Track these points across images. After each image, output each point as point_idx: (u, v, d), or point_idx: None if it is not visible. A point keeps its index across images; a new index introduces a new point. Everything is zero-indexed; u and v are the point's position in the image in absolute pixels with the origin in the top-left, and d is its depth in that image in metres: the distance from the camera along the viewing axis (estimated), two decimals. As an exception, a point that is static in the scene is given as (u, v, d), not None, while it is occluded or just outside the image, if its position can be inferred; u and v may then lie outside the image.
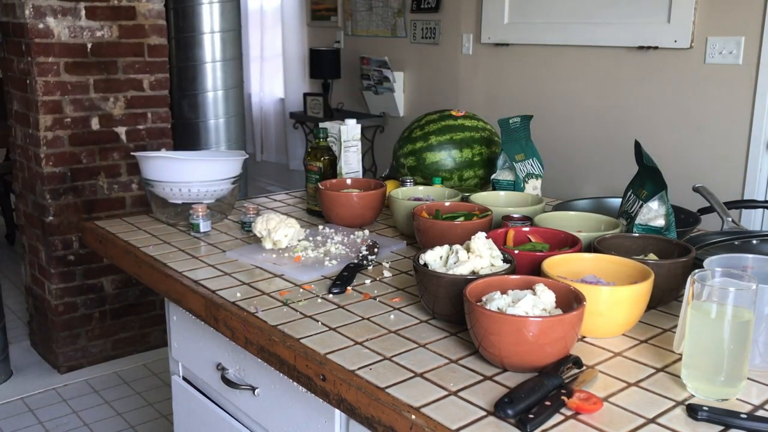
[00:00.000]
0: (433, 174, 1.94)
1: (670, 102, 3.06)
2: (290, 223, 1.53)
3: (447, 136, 1.95)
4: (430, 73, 4.23)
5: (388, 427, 0.94)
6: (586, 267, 1.23)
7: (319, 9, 5.07)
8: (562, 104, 3.48)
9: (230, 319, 1.25)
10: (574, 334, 1.02)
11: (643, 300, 1.13)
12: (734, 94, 2.84)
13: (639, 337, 1.15)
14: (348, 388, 1.01)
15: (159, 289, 1.51)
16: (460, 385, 0.99)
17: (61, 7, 2.95)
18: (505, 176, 1.87)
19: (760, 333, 1.01)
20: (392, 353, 1.08)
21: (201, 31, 3.59)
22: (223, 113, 3.72)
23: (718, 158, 2.92)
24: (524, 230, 1.40)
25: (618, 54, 3.22)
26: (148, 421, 2.94)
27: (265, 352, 1.18)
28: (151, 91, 3.24)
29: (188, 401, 1.60)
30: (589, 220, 1.51)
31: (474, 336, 1.04)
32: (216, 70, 3.65)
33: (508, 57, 3.73)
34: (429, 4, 4.15)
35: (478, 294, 1.08)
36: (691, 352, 0.98)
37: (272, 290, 1.34)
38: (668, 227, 1.40)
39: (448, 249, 1.25)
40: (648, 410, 0.93)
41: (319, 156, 1.86)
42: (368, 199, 1.72)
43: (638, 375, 1.03)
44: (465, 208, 1.59)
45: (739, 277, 0.97)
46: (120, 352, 3.36)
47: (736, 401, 0.96)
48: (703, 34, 2.91)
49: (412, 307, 1.26)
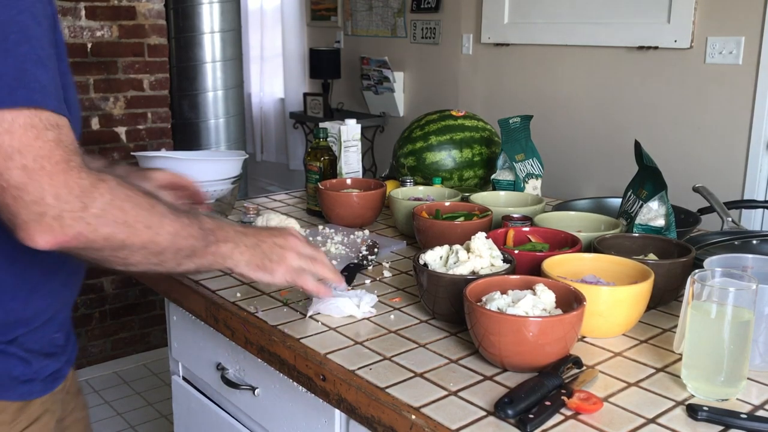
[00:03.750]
0: (433, 174, 1.94)
1: (670, 102, 3.06)
2: (290, 223, 1.53)
3: (447, 136, 1.95)
4: (430, 73, 4.23)
5: (388, 427, 0.95)
6: (586, 267, 1.23)
7: (319, 9, 5.07)
8: (562, 104, 3.48)
9: (230, 319, 1.25)
10: (574, 334, 1.02)
11: (643, 300, 1.13)
12: (734, 94, 2.84)
13: (639, 337, 1.15)
14: (348, 388, 1.01)
15: (159, 289, 1.51)
16: (460, 385, 0.99)
17: (61, 7, 2.95)
18: (505, 176, 1.87)
19: (760, 333, 1.01)
20: (392, 353, 1.08)
21: (201, 31, 3.59)
22: (223, 113, 3.72)
23: (718, 158, 2.92)
24: (524, 230, 1.40)
25: (618, 54, 3.22)
26: (148, 421, 2.94)
27: (265, 352, 1.18)
28: (151, 91, 3.24)
29: (188, 401, 1.60)
30: (589, 220, 1.51)
31: (474, 336, 1.04)
32: (216, 70, 3.65)
33: (508, 57, 3.73)
34: (429, 4, 4.15)
35: (478, 294, 1.08)
36: (691, 352, 0.98)
37: (272, 290, 1.34)
38: (668, 227, 1.40)
39: (448, 249, 1.25)
40: (648, 410, 0.93)
41: (319, 156, 1.86)
42: (368, 199, 1.72)
43: (638, 375, 1.03)
44: (465, 208, 1.59)
45: (739, 277, 0.97)
46: (120, 352, 3.36)
47: (736, 401, 0.96)
48: (703, 34, 2.91)
49: (412, 307, 1.26)
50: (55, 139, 0.84)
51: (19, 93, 0.82)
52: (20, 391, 1.00)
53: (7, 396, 0.98)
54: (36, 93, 0.83)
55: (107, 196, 0.86)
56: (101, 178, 0.87)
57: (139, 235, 0.89)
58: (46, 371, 1.03)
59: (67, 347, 1.10)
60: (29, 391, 1.01)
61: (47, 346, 1.03)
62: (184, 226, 0.95)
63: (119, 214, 0.87)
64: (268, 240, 1.07)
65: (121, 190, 0.88)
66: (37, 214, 0.82)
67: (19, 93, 0.82)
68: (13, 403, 0.99)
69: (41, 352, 1.02)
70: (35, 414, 1.03)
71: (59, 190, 0.83)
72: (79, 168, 0.85)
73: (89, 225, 0.85)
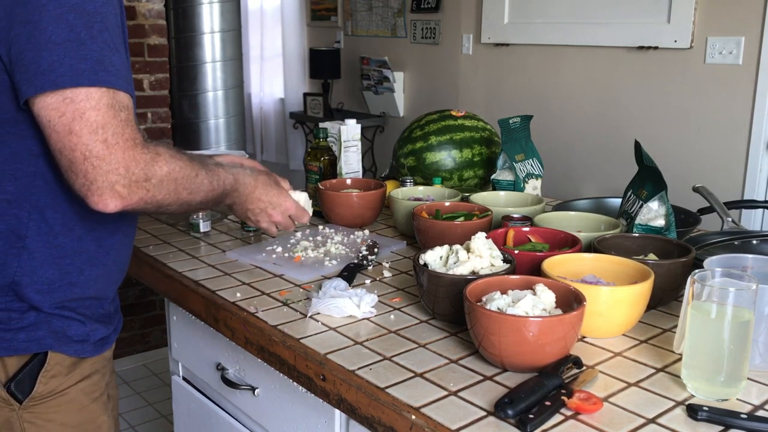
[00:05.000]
0: (433, 174, 1.94)
1: (670, 102, 3.06)
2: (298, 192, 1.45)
3: (447, 136, 1.95)
4: (430, 73, 4.23)
5: (388, 427, 0.95)
6: (586, 267, 1.23)
7: (319, 9, 5.07)
8: (562, 104, 3.48)
9: (230, 319, 1.25)
10: (574, 334, 1.02)
11: (643, 300, 1.13)
12: (734, 94, 2.84)
13: (639, 337, 1.15)
14: (348, 388, 1.01)
15: (159, 289, 1.51)
16: (460, 385, 0.99)
17: (61, 7, 2.95)
18: (505, 176, 1.87)
19: (760, 333, 1.01)
20: (392, 353, 1.08)
21: (201, 31, 3.59)
22: (223, 113, 3.72)
23: (718, 158, 2.92)
24: (524, 230, 1.40)
25: (618, 54, 3.22)
26: (148, 421, 2.94)
27: (265, 352, 1.18)
28: (151, 91, 3.24)
29: (188, 401, 1.60)
30: (589, 220, 1.51)
31: (474, 336, 1.04)
32: (216, 70, 3.65)
33: (508, 57, 3.73)
34: (429, 4, 4.15)
35: (478, 294, 1.08)
36: (691, 352, 0.98)
37: (272, 290, 1.34)
38: (668, 227, 1.40)
39: (448, 249, 1.25)
40: (648, 410, 0.93)
41: (319, 156, 1.86)
42: (368, 199, 1.72)
43: (638, 375, 1.03)
44: (465, 208, 1.59)
45: (739, 277, 0.97)
46: (120, 352, 3.36)
47: (736, 401, 0.96)
48: (703, 34, 2.90)
49: (412, 307, 1.26)
50: (126, 119, 0.98)
51: (101, 75, 0.96)
52: (75, 348, 1.12)
53: (64, 350, 1.11)
54: (113, 76, 0.97)
55: (165, 168, 1.03)
56: (158, 152, 1.02)
57: (182, 198, 1.08)
58: (97, 335, 1.15)
59: (114, 318, 1.22)
60: (82, 350, 1.13)
61: (98, 314, 1.16)
62: (214, 189, 1.14)
63: (172, 184, 1.04)
64: (264, 200, 1.31)
65: (174, 162, 1.05)
66: (111, 182, 0.96)
67: (101, 75, 0.96)
68: (69, 358, 1.12)
69: (93, 318, 1.15)
70: (87, 371, 1.15)
71: (129, 162, 0.97)
72: (143, 144, 1.00)
73: (149, 192, 1.01)
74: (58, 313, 1.09)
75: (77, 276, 1.10)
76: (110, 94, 0.97)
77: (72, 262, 1.09)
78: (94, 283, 1.13)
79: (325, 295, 1.24)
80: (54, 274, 1.08)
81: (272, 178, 1.34)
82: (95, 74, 0.95)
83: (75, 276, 1.10)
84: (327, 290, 1.25)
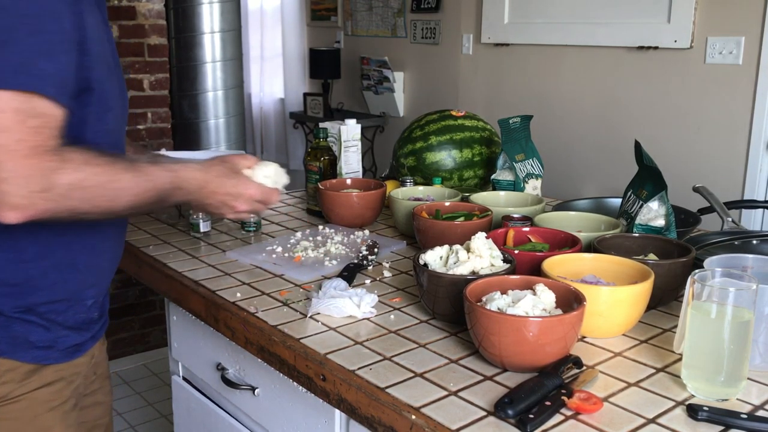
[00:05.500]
0: (433, 174, 1.94)
1: (670, 102, 3.06)
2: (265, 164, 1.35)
3: (447, 136, 1.95)
4: (430, 73, 4.23)
5: (388, 427, 0.95)
6: (586, 267, 1.23)
7: (319, 9, 5.07)
8: (562, 104, 3.48)
9: (230, 319, 1.25)
10: (574, 334, 1.02)
11: (643, 300, 1.13)
12: (734, 94, 2.84)
13: (639, 337, 1.15)
14: (348, 388, 1.01)
15: (159, 289, 1.51)
16: (460, 385, 0.99)
17: (61, 7, 2.94)
18: (505, 176, 1.87)
19: (760, 333, 1.01)
20: (392, 353, 1.08)
21: (201, 31, 3.59)
22: (223, 113, 3.71)
23: (718, 158, 2.92)
24: (524, 230, 1.40)
25: (618, 54, 3.22)
26: (148, 421, 2.94)
27: (265, 352, 1.18)
28: (151, 91, 3.24)
29: (188, 401, 1.60)
30: (589, 220, 1.51)
31: (474, 336, 1.04)
32: (216, 70, 3.64)
33: (508, 57, 3.73)
34: (429, 4, 4.15)
35: (478, 294, 1.08)
36: (691, 352, 0.98)
37: (272, 290, 1.34)
38: (668, 227, 1.40)
39: (448, 249, 1.25)
40: (648, 410, 0.93)
41: (319, 156, 1.86)
42: (368, 199, 1.72)
43: (638, 375, 1.03)
44: (465, 208, 1.59)
45: (739, 277, 0.97)
46: (120, 352, 3.36)
47: (736, 401, 0.96)
48: (703, 34, 2.90)
49: (412, 307, 1.26)
50: (37, 126, 0.93)
51: (20, 78, 0.91)
52: (34, 355, 1.08)
53: (20, 357, 1.07)
54: (36, 79, 0.92)
55: (70, 177, 0.96)
56: (67, 159, 0.96)
57: (100, 205, 1.01)
58: (67, 342, 1.12)
59: (96, 324, 1.18)
60: (45, 356, 1.09)
61: (73, 320, 1.12)
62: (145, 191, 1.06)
63: (81, 192, 0.97)
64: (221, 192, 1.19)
65: (85, 169, 0.98)
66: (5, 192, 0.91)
67: (20, 78, 0.91)
68: (26, 365, 1.08)
69: (65, 325, 1.10)
70: (48, 379, 1.11)
71: (28, 171, 0.92)
72: (51, 152, 0.94)
73: (52, 202, 0.95)
74: (21, 317, 1.07)
75: (41, 280, 1.08)
76: (23, 98, 0.92)
77: (36, 266, 1.07)
78: (63, 286, 1.10)
79: (325, 295, 1.24)
80: (16, 278, 1.06)
81: (228, 166, 1.23)
82: (14, 77, 0.91)
83: (39, 280, 1.07)
84: (327, 290, 1.25)
